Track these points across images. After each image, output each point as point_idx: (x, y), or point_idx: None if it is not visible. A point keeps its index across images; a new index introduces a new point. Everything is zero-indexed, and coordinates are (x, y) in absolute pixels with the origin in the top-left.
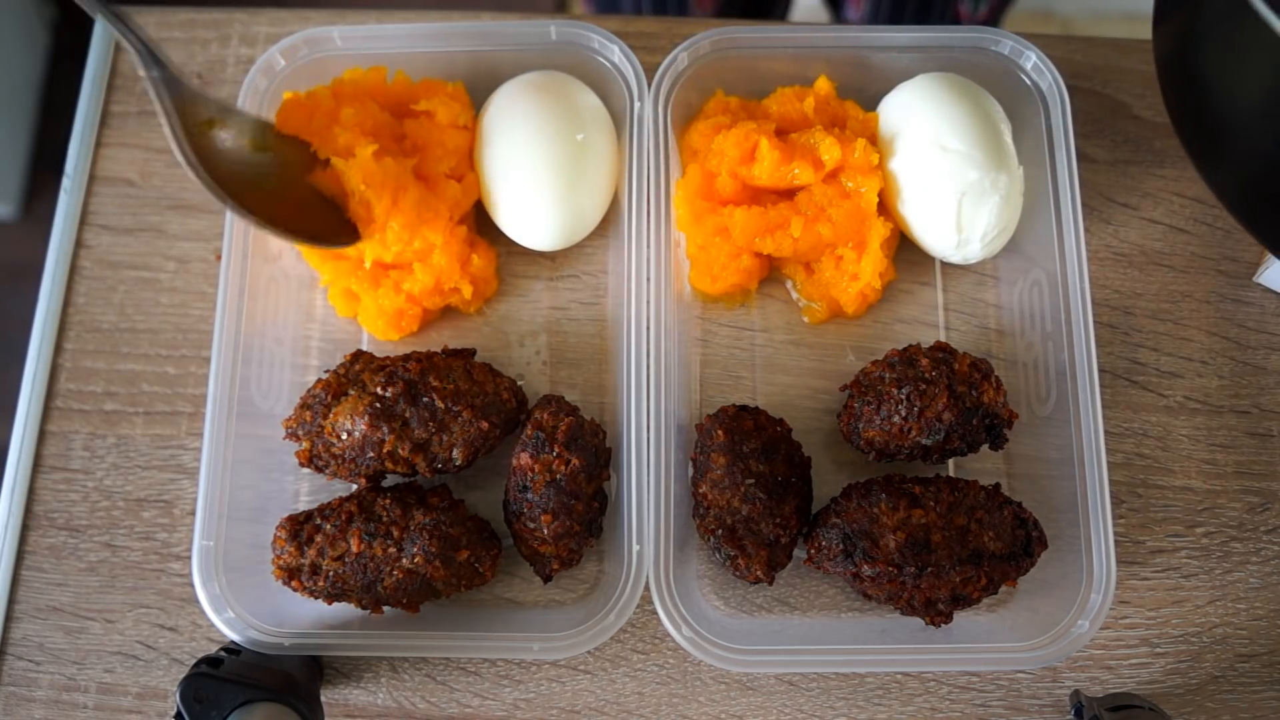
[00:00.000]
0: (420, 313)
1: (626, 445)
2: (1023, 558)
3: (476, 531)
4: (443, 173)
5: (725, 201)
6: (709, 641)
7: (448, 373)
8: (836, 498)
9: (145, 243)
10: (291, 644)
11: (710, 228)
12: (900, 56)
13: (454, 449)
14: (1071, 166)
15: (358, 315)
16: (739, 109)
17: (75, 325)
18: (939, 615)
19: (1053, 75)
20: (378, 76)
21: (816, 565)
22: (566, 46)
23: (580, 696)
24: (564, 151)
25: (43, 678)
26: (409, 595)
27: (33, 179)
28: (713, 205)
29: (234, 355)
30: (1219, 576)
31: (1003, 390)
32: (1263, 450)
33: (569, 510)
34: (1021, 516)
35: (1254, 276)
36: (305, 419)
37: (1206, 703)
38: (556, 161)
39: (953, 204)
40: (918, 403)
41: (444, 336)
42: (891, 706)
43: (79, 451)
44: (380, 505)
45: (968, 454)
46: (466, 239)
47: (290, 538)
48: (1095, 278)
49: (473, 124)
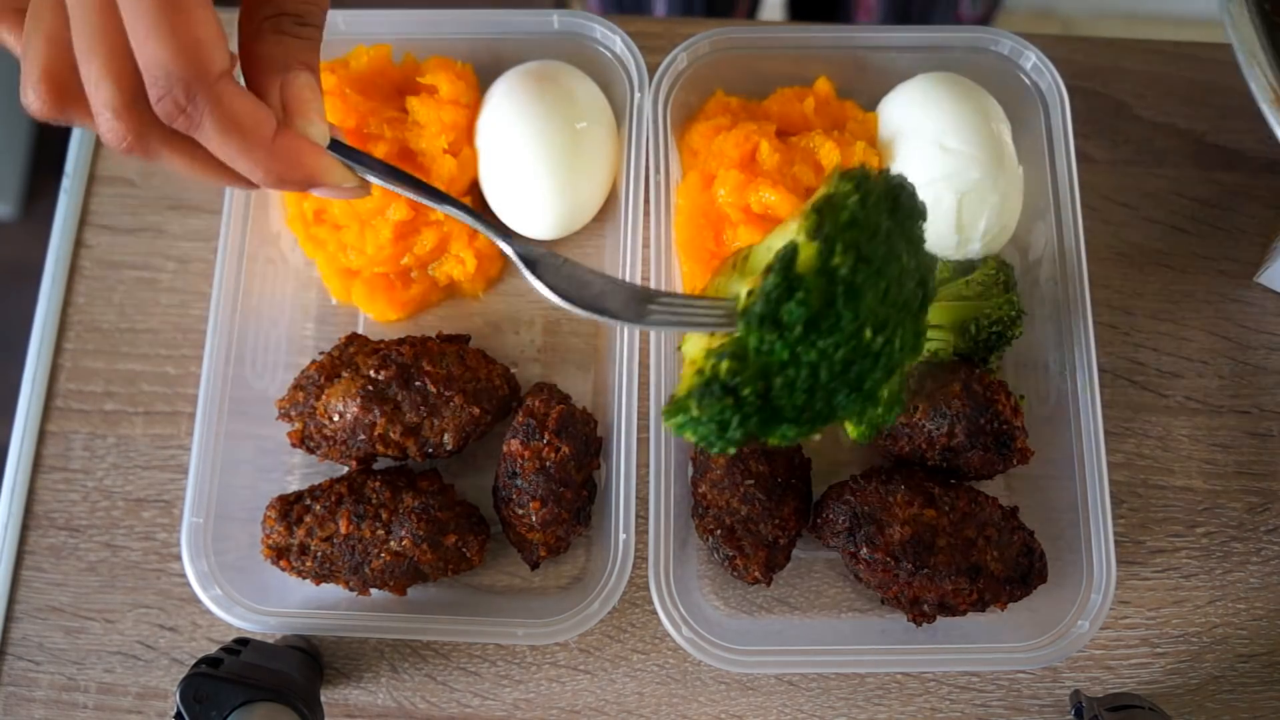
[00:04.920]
0: (419, 294)
1: (617, 434)
2: (1019, 585)
3: (465, 516)
4: (441, 148)
5: (728, 225)
6: (709, 641)
7: (441, 358)
8: (856, 475)
9: (145, 243)
10: (278, 622)
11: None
12: (900, 56)
13: (445, 434)
14: (1071, 166)
15: (351, 297)
16: (739, 109)
17: (75, 325)
18: (921, 615)
19: (1053, 75)
20: (382, 54)
21: (818, 535)
22: (568, 37)
23: (580, 696)
24: (563, 140)
25: (43, 678)
26: (396, 578)
27: (33, 179)
28: (715, 232)
29: (229, 336)
30: (1219, 576)
31: (1020, 414)
32: (1263, 450)
33: (558, 498)
34: (1030, 546)
35: (1254, 276)
36: (298, 399)
37: (1206, 703)
38: (555, 150)
39: (953, 204)
40: (929, 381)
41: (439, 323)
42: (891, 706)
43: (79, 451)
44: (370, 487)
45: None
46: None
47: (280, 517)
48: (1095, 278)
49: (475, 103)
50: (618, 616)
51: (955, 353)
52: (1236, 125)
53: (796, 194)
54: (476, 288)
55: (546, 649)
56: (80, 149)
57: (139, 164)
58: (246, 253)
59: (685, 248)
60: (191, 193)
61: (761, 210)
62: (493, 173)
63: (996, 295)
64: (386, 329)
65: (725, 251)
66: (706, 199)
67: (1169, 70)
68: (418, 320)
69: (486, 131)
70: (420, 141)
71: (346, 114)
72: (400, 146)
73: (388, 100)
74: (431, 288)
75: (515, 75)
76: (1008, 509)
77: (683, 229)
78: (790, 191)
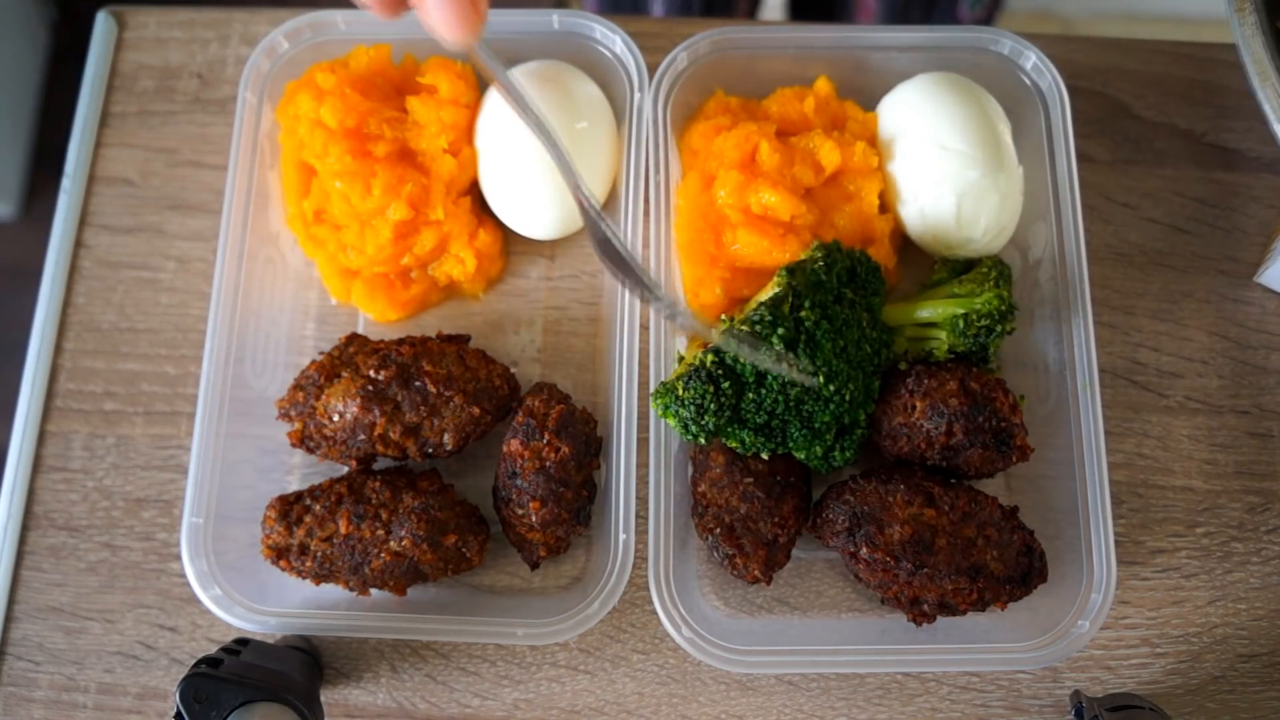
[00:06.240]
0: (419, 294)
1: (617, 434)
2: (1019, 585)
3: (465, 516)
4: (441, 148)
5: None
6: (709, 642)
7: (441, 357)
8: (855, 475)
9: (145, 243)
10: (278, 622)
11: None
12: (900, 56)
13: (445, 434)
14: (1071, 166)
15: (351, 297)
16: (739, 109)
17: (75, 325)
18: (921, 615)
19: (1053, 75)
20: (382, 54)
21: (817, 535)
22: (568, 37)
23: (580, 696)
24: (564, 140)
25: (43, 678)
26: (396, 578)
27: (33, 179)
28: (714, 234)
29: (229, 336)
30: (1219, 576)
31: (1019, 412)
32: (1263, 450)
33: (557, 498)
34: (1030, 545)
35: (1254, 276)
36: (298, 399)
37: (1207, 703)
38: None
39: (953, 204)
40: (926, 380)
41: (439, 323)
42: (891, 706)
43: (79, 451)
44: (370, 487)
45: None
46: (472, 210)
47: (280, 517)
48: (1095, 278)
49: (475, 103)
50: (618, 616)
51: (951, 351)
52: (1236, 125)
53: (796, 195)
54: (476, 288)
55: (546, 649)
56: (80, 149)
57: (139, 164)
58: (246, 253)
59: (685, 248)
60: (191, 193)
61: (761, 211)
62: (493, 173)
63: (987, 291)
64: (386, 329)
65: (725, 253)
66: (706, 200)
67: (1169, 70)
68: (418, 320)
69: (486, 131)
70: (420, 141)
71: (346, 114)
72: (400, 146)
73: (388, 100)
74: (431, 288)
75: (515, 75)
76: (1008, 508)
77: (683, 230)
78: (790, 192)
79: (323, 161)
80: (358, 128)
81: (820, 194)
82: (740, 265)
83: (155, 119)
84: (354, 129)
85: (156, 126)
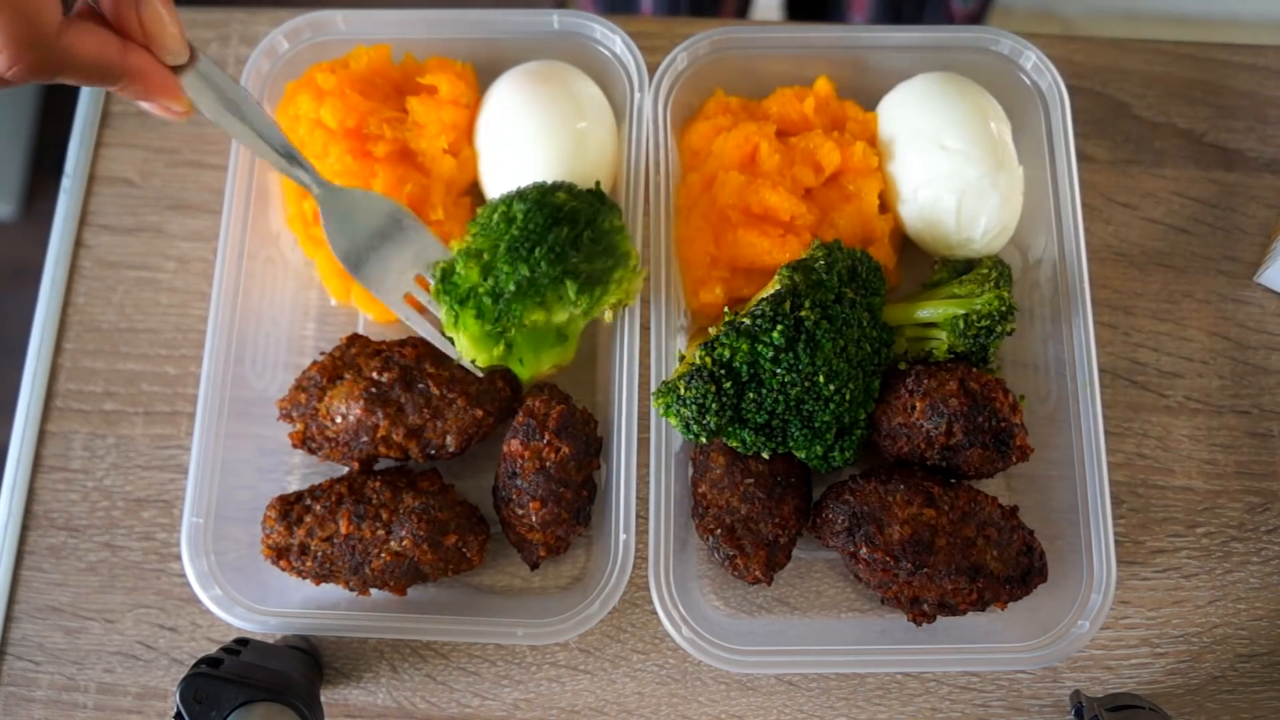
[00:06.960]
0: None
1: (617, 434)
2: (1019, 585)
3: (465, 516)
4: (441, 148)
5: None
6: (709, 642)
7: (443, 359)
8: (855, 475)
9: (145, 243)
10: (278, 622)
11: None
12: (900, 56)
13: (448, 436)
14: (1071, 166)
15: (351, 297)
16: (739, 109)
17: (75, 325)
18: (921, 614)
19: (1053, 75)
20: (382, 54)
21: (817, 535)
22: (568, 37)
23: (580, 696)
24: (564, 140)
25: (43, 678)
26: (396, 578)
27: (33, 179)
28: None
29: (229, 336)
30: (1219, 576)
31: (1019, 412)
32: (1263, 450)
33: (557, 498)
34: (1030, 545)
35: (1254, 276)
36: (300, 400)
37: (1207, 703)
38: (556, 149)
39: (953, 204)
40: (926, 380)
41: None
42: (891, 706)
43: (79, 451)
44: (370, 488)
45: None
46: (472, 210)
47: (280, 517)
48: (1095, 278)
49: (475, 103)
50: (618, 616)
51: (951, 351)
52: (1236, 125)
53: (796, 195)
54: None
55: (546, 649)
56: (80, 149)
57: (139, 164)
58: (246, 253)
59: (685, 248)
60: (191, 193)
61: (761, 211)
62: (493, 173)
63: (987, 291)
64: (387, 329)
65: (725, 253)
66: (706, 200)
67: (1169, 70)
68: None
69: (486, 131)
70: (420, 141)
71: (346, 114)
72: (400, 146)
73: (388, 100)
74: None
75: (515, 75)
76: (1007, 508)
77: (683, 230)
78: (790, 192)
79: (323, 162)
80: (358, 128)
81: (820, 194)
82: (740, 265)
83: (155, 119)
84: (354, 129)
85: (156, 126)
